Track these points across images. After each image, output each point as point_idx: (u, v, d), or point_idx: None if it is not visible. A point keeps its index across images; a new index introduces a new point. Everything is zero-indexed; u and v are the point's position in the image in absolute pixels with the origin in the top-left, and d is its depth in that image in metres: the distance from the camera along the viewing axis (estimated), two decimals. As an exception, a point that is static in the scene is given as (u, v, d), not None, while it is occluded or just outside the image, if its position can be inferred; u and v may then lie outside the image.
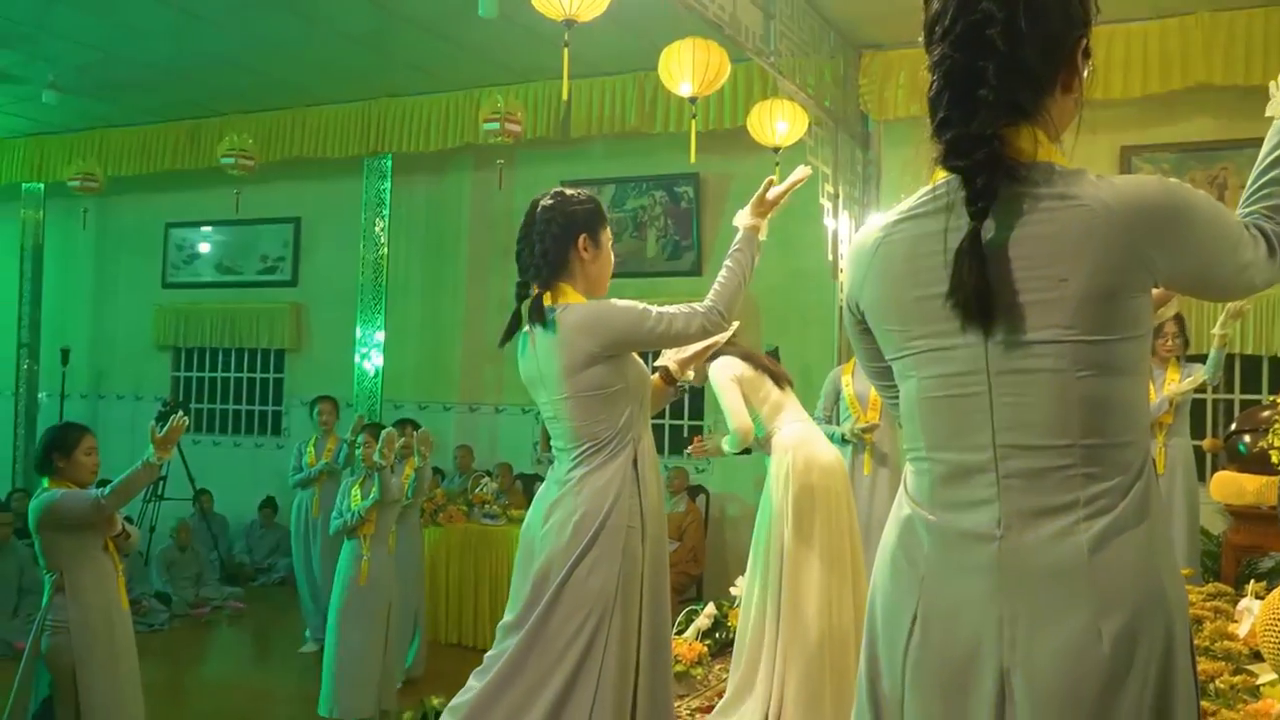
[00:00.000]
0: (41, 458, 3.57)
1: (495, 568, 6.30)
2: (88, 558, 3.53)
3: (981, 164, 1.32)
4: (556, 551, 2.47)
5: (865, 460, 5.22)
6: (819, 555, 3.70)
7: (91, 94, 7.86)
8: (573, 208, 2.66)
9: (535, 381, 2.61)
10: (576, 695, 2.43)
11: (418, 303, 8.48)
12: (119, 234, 9.91)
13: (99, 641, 3.49)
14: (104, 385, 9.97)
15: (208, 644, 6.80)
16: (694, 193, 7.49)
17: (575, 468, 2.52)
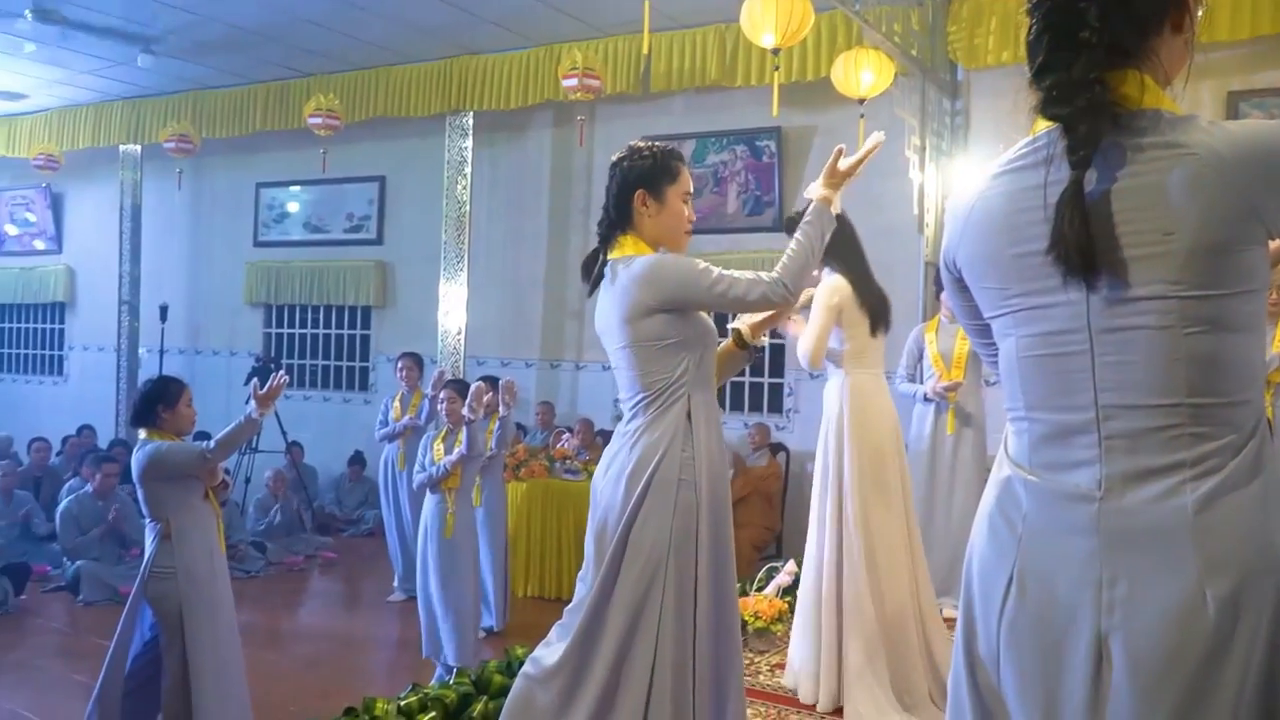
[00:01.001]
0: (144, 409, 3.71)
1: (576, 522, 6.38)
2: (190, 507, 3.67)
3: (1083, 111, 1.26)
4: (612, 504, 2.51)
5: (948, 420, 5.10)
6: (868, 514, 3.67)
7: (185, 57, 8.05)
8: (633, 162, 2.64)
9: (602, 331, 2.64)
10: (637, 649, 2.45)
11: (499, 260, 8.56)
12: (212, 194, 10.19)
13: (201, 586, 3.64)
14: (200, 341, 10.32)
15: (301, 591, 7.05)
16: (776, 147, 7.37)
17: (633, 419, 2.55)
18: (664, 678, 2.44)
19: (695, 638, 2.49)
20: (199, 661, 3.58)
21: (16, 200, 11.37)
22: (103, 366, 10.47)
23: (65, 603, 6.44)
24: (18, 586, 6.33)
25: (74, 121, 9.82)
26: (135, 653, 3.78)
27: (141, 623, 3.78)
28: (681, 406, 2.51)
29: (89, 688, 4.89)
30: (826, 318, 3.66)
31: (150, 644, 3.75)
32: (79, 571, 6.50)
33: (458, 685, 3.54)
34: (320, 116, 7.69)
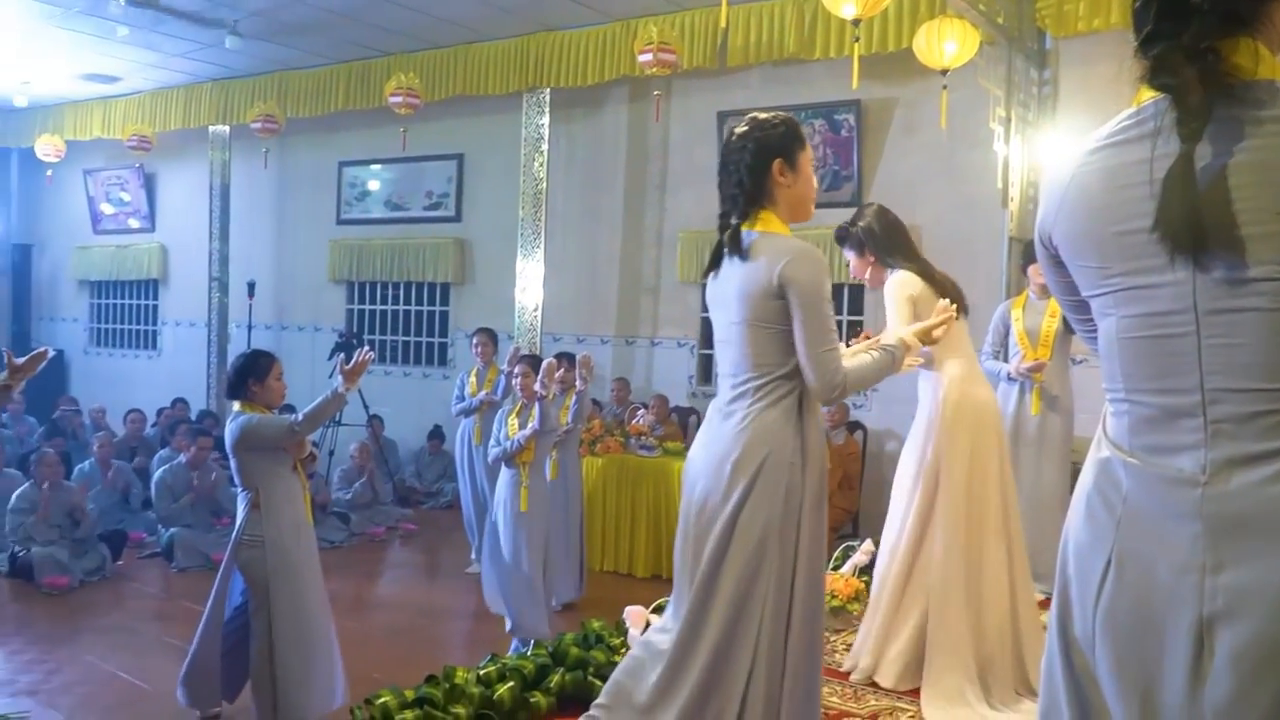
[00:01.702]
0: (236, 382, 3.83)
1: (651, 499, 6.41)
2: (279, 477, 3.80)
3: (1195, 82, 1.21)
4: (714, 488, 2.47)
5: (1033, 400, 4.97)
6: (959, 507, 3.60)
7: (270, 39, 8.23)
8: (765, 132, 2.55)
9: (718, 301, 2.59)
10: (740, 638, 2.44)
11: (575, 236, 8.60)
12: (297, 173, 10.42)
13: (289, 555, 3.77)
14: (285, 317, 10.59)
15: (382, 562, 7.22)
16: (855, 120, 7.24)
17: (739, 399, 2.49)
18: (760, 667, 2.44)
19: (790, 626, 2.48)
20: (285, 627, 3.70)
21: (112, 180, 11.78)
22: (194, 341, 10.82)
23: (160, 568, 6.71)
24: (115, 553, 6.61)
25: (165, 103, 10.12)
26: (227, 618, 3.92)
27: (232, 589, 3.92)
28: (795, 394, 2.47)
29: (183, 651, 5.09)
30: (902, 311, 3.61)
31: (241, 609, 3.89)
32: (173, 538, 6.76)
33: (535, 656, 3.60)
34: (401, 95, 7.79)
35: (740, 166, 2.53)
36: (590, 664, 3.53)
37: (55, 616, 5.59)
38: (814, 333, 2.41)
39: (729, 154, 2.57)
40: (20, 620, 5.50)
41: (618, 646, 3.65)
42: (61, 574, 6.08)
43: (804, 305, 2.41)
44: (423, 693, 3.24)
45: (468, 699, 3.25)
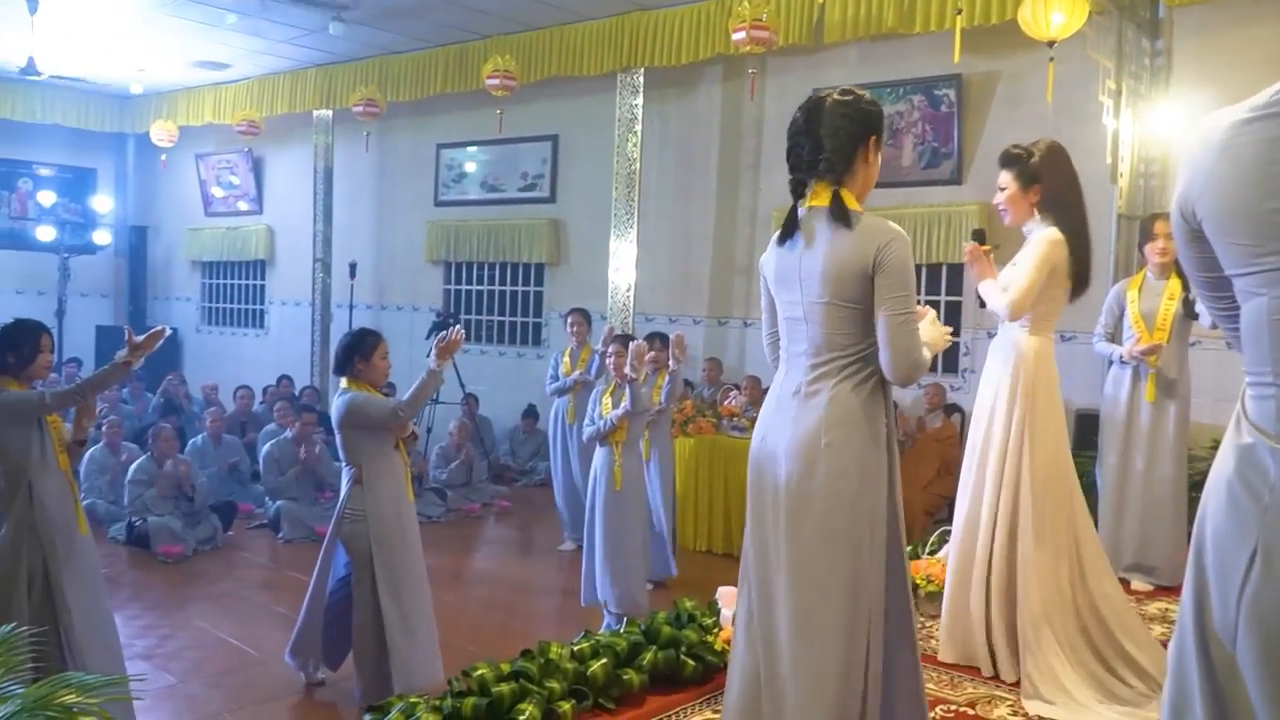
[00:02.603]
0: (344, 359, 3.96)
1: (743, 480, 6.39)
2: (382, 455, 3.92)
3: None
4: (812, 471, 2.39)
5: (1149, 386, 4.75)
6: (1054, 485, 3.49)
7: (372, 24, 8.39)
8: (867, 106, 2.46)
9: (789, 278, 2.46)
10: (856, 625, 2.39)
11: (668, 216, 8.58)
12: (396, 156, 10.64)
13: (391, 529, 3.89)
14: (385, 297, 10.85)
15: (477, 537, 7.37)
16: (956, 96, 7.04)
17: (821, 379, 2.41)
18: (875, 657, 2.39)
19: (887, 612, 2.43)
20: (387, 600, 3.82)
21: (222, 164, 12.21)
22: (299, 320, 11.17)
23: (267, 539, 6.97)
24: (226, 523, 6.89)
25: (272, 89, 10.43)
26: (331, 589, 4.05)
27: (336, 561, 4.06)
28: (876, 375, 2.42)
29: (289, 619, 5.28)
30: (1041, 273, 3.39)
31: (345, 581, 4.02)
32: (279, 511, 7.02)
33: (628, 634, 3.63)
34: (497, 77, 7.88)
35: (840, 134, 2.41)
36: (682, 643, 3.54)
37: (169, 584, 5.86)
38: (903, 316, 2.36)
39: (820, 119, 2.42)
40: (137, 587, 5.78)
41: (710, 626, 3.66)
42: (176, 543, 6.37)
43: (897, 287, 2.36)
44: (518, 666, 3.29)
45: (562, 674, 3.29)
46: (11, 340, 3.42)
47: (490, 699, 3.09)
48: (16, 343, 3.42)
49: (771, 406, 2.54)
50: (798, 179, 2.47)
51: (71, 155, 12.60)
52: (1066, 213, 3.47)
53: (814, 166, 2.43)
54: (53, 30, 8.54)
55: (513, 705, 3.09)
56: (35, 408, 3.35)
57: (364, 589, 3.86)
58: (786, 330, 2.52)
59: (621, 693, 3.39)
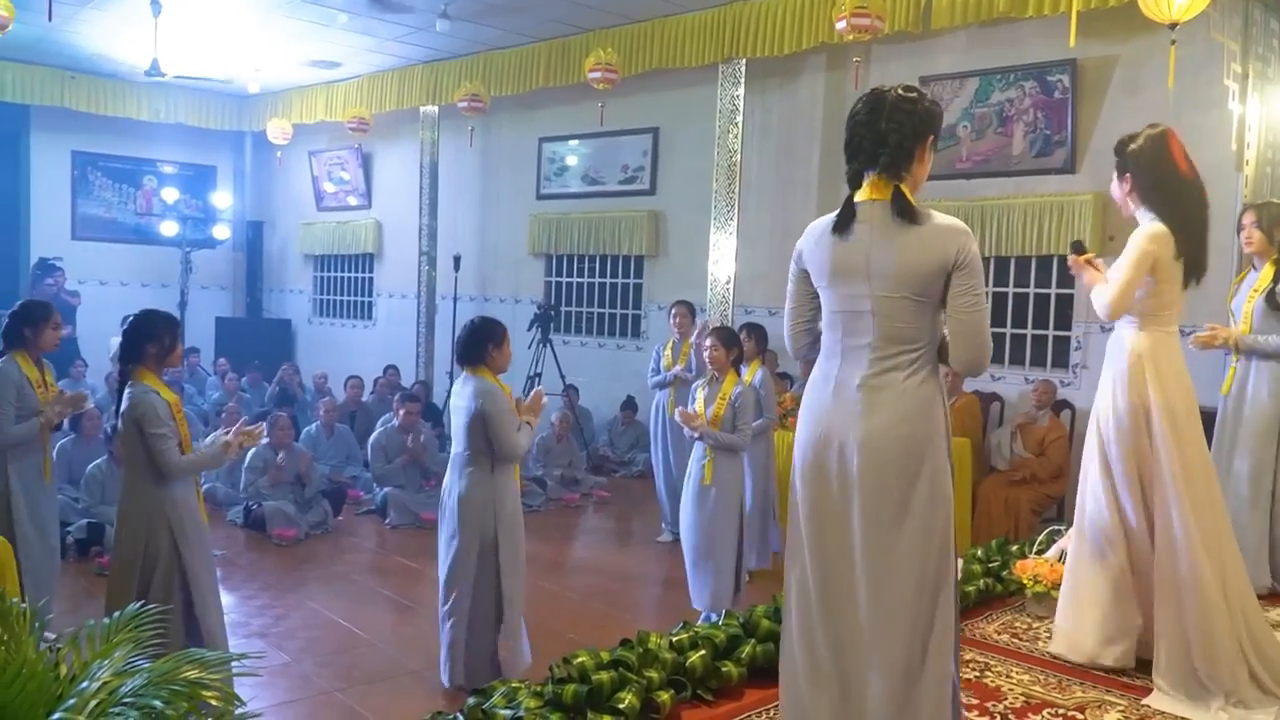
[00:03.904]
0: (478, 347, 4.06)
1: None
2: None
3: None
4: (891, 465, 2.40)
5: (1226, 379, 4.57)
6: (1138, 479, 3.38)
7: (477, 20, 8.54)
8: (930, 106, 2.51)
9: (853, 271, 2.44)
10: (937, 612, 2.41)
11: (769, 208, 8.51)
12: (499, 150, 10.81)
13: (514, 516, 4.05)
14: (488, 289, 11.04)
15: (576, 527, 7.45)
16: (1070, 81, 6.80)
17: (889, 372, 2.42)
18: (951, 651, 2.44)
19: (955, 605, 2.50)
20: (510, 584, 3.99)
21: (333, 160, 12.60)
22: (405, 312, 11.45)
23: (375, 524, 7.18)
24: (336, 508, 7.12)
25: (381, 86, 10.70)
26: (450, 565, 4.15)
27: (444, 549, 4.17)
28: (938, 368, 2.50)
29: (395, 602, 5.44)
30: (1138, 269, 3.31)
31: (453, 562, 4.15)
32: (386, 497, 7.22)
33: (726, 626, 3.62)
34: (599, 71, 7.92)
35: (905, 128, 2.43)
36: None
37: (283, 566, 6.08)
38: (981, 310, 2.42)
39: (883, 111, 2.45)
40: (253, 568, 6.02)
41: (809, 622, 3.62)
42: (290, 526, 6.61)
43: (978, 284, 2.41)
44: (617, 655, 3.32)
45: (660, 664, 3.31)
46: (154, 332, 3.58)
47: (590, 686, 3.12)
48: (158, 334, 3.59)
49: (827, 397, 2.52)
50: (856, 169, 2.50)
51: (192, 153, 13.17)
52: (1167, 204, 3.36)
53: (874, 159, 2.45)
54: (175, 33, 8.93)
55: (612, 693, 3.12)
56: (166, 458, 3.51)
57: (488, 575, 3.98)
58: (843, 322, 2.51)
59: (720, 685, 3.39)
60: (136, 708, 1.64)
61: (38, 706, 1.71)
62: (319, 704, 4.01)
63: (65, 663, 1.85)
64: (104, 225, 12.77)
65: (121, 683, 1.71)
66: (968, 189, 7.30)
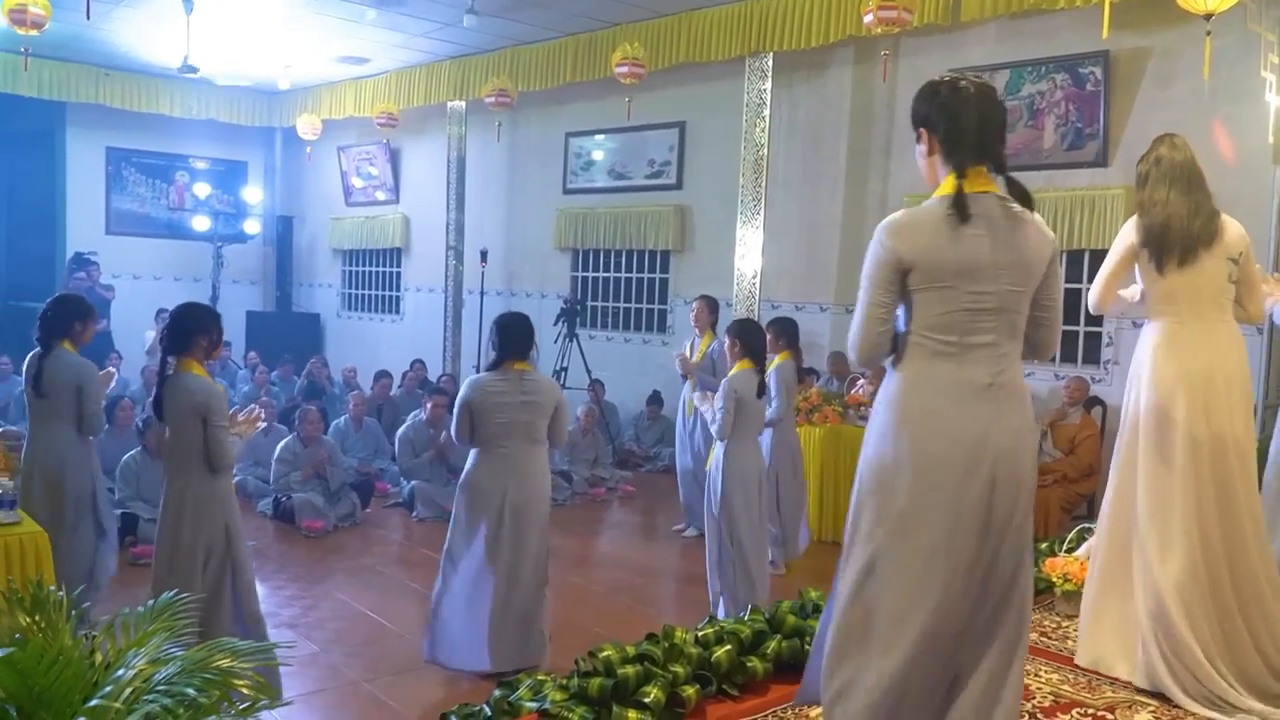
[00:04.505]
0: (527, 342, 4.19)
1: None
2: None
3: None
4: (1022, 472, 2.37)
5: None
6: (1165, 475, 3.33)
7: (504, 15, 8.56)
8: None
9: (982, 266, 2.32)
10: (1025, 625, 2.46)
11: (796, 202, 8.48)
12: (526, 145, 10.83)
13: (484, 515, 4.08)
14: (514, 283, 11.08)
15: (601, 521, 7.46)
16: (1102, 73, 6.72)
17: (1005, 370, 2.36)
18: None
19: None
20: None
21: (362, 156, 12.68)
22: (433, 306, 11.51)
23: (402, 517, 7.23)
24: (364, 501, 7.18)
25: (409, 82, 10.75)
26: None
27: (463, 540, 4.20)
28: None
29: (422, 594, 5.47)
30: (1111, 261, 3.46)
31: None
32: (414, 490, 7.27)
33: (752, 622, 3.62)
34: (626, 65, 7.91)
35: (1000, 118, 2.43)
36: (806, 633, 3.51)
37: (312, 557, 6.14)
38: (1055, 287, 2.49)
39: (991, 104, 2.40)
40: (283, 559, 6.08)
41: (835, 618, 3.61)
42: (318, 518, 6.67)
43: (1059, 275, 2.49)
44: (643, 649, 3.33)
45: (686, 659, 3.31)
46: (205, 324, 3.66)
47: (616, 680, 3.13)
48: (208, 326, 3.66)
49: (949, 400, 2.34)
50: (959, 161, 2.36)
51: (224, 149, 13.29)
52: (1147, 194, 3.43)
53: (982, 151, 2.37)
54: (207, 30, 9.01)
55: (638, 687, 3.12)
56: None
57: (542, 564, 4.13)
58: (962, 322, 2.32)
59: (745, 680, 3.39)
60: (170, 695, 1.66)
61: (74, 693, 1.74)
62: (347, 694, 4.05)
63: (101, 650, 1.88)
64: (137, 220, 12.94)
65: (156, 670, 1.74)
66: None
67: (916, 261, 2.32)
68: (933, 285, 2.33)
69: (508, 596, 4.02)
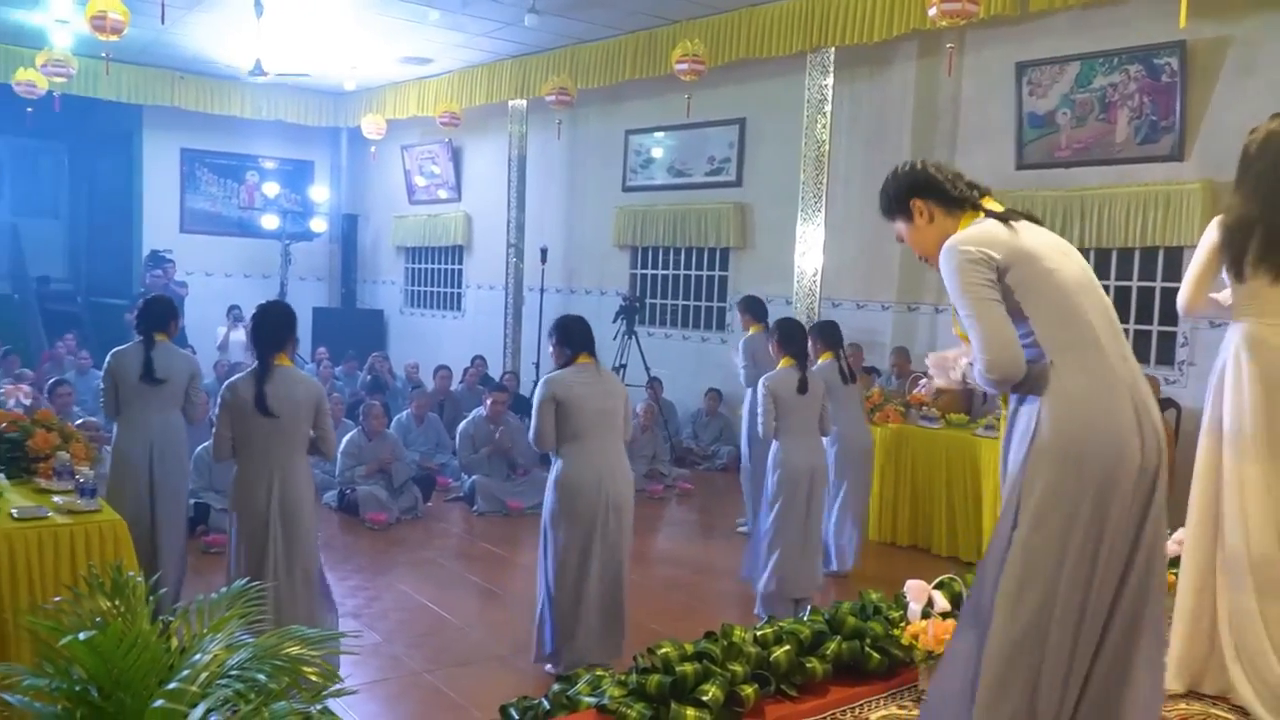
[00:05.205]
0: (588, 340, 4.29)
1: (933, 471, 6.21)
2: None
3: None
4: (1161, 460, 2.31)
5: None
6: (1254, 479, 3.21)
7: (565, 14, 8.60)
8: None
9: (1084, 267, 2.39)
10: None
11: (858, 199, 8.39)
12: (586, 143, 10.88)
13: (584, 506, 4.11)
14: (574, 281, 11.13)
15: (660, 518, 7.47)
16: (1179, 64, 6.54)
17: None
18: None
19: None
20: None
21: (425, 155, 12.84)
22: (493, 303, 11.62)
23: (462, 511, 7.31)
24: (426, 494, 7.28)
25: (471, 81, 10.87)
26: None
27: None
28: None
29: (482, 587, 5.54)
30: (1197, 260, 3.29)
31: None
32: (474, 485, 7.34)
33: (811, 622, 3.59)
34: (686, 62, 7.90)
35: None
36: (867, 634, 3.47)
37: (375, 549, 6.24)
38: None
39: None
40: (347, 550, 6.19)
41: (896, 620, 3.57)
42: (381, 511, 6.78)
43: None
44: (701, 647, 3.31)
45: (744, 658, 3.30)
46: (292, 322, 3.98)
47: (674, 677, 3.13)
48: (293, 324, 3.99)
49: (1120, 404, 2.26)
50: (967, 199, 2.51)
51: (292, 149, 13.57)
52: (1238, 186, 3.24)
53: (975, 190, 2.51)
54: (276, 33, 9.20)
55: (696, 685, 3.11)
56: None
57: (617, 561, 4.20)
58: (1104, 326, 2.31)
59: (804, 680, 3.36)
60: (241, 680, 1.71)
61: (150, 676, 1.79)
62: (408, 684, 4.11)
63: (176, 635, 1.94)
64: (209, 219, 13.27)
65: (229, 656, 1.79)
66: (1066, 178, 7.08)
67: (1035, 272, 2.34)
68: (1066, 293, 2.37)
69: (616, 590, 4.14)
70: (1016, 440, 2.32)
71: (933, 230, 2.49)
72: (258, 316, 3.92)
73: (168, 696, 1.68)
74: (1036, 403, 2.27)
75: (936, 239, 2.45)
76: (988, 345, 2.27)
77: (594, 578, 4.06)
